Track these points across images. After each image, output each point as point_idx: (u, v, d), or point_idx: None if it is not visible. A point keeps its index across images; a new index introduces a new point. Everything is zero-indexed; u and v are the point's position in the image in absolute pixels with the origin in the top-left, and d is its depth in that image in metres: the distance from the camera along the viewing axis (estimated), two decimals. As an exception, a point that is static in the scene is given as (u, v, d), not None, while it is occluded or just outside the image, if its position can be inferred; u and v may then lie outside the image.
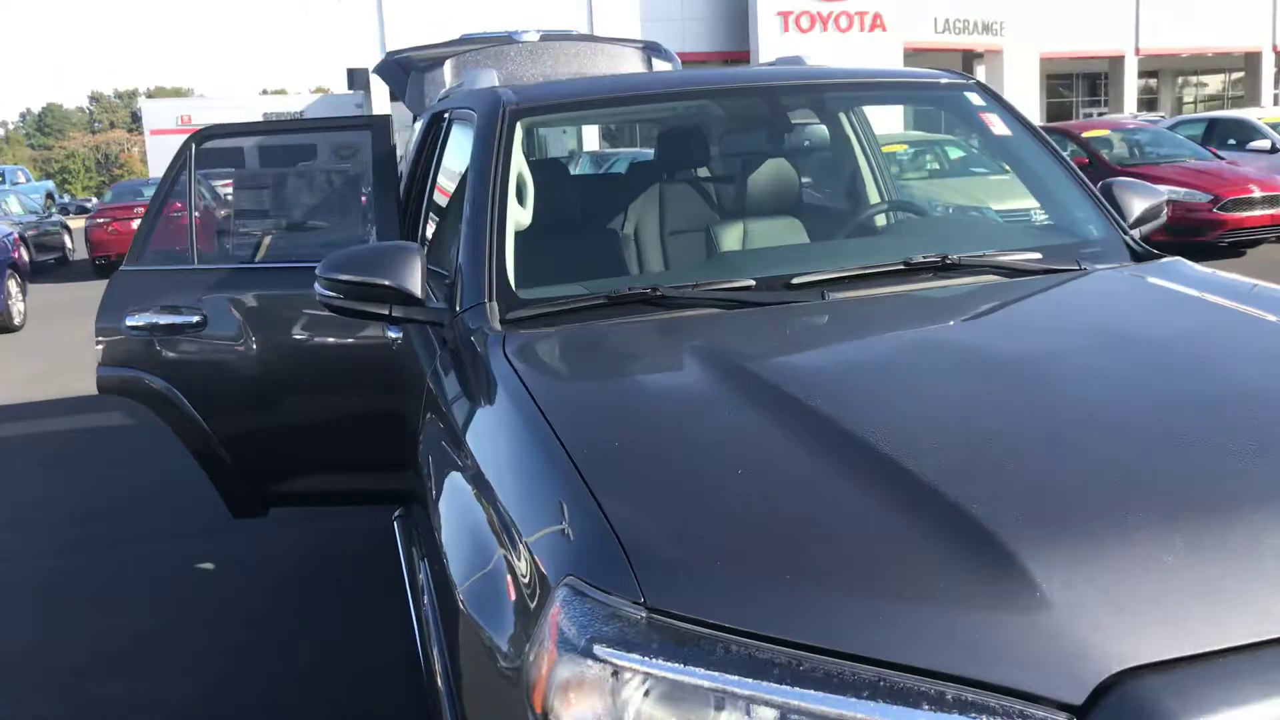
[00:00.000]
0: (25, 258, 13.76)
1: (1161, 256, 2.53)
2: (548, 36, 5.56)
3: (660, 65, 5.45)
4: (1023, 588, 1.18)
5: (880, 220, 2.99)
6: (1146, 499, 1.33)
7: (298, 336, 3.46)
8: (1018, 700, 1.11)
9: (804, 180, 2.95)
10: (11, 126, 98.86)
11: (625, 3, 31.02)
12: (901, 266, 2.32)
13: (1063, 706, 1.10)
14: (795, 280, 2.27)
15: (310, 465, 3.59)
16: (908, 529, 1.28)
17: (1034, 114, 35.05)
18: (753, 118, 3.38)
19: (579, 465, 1.47)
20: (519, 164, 2.54)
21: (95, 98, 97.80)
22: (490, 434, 1.81)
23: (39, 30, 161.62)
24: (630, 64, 5.30)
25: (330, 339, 3.45)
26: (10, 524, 5.16)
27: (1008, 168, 2.89)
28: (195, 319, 3.44)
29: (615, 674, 1.18)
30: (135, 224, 4.04)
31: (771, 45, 31.41)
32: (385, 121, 3.48)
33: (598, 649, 1.18)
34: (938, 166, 12.97)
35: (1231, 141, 14.81)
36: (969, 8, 33.85)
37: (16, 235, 12.90)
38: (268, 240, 3.84)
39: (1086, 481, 1.39)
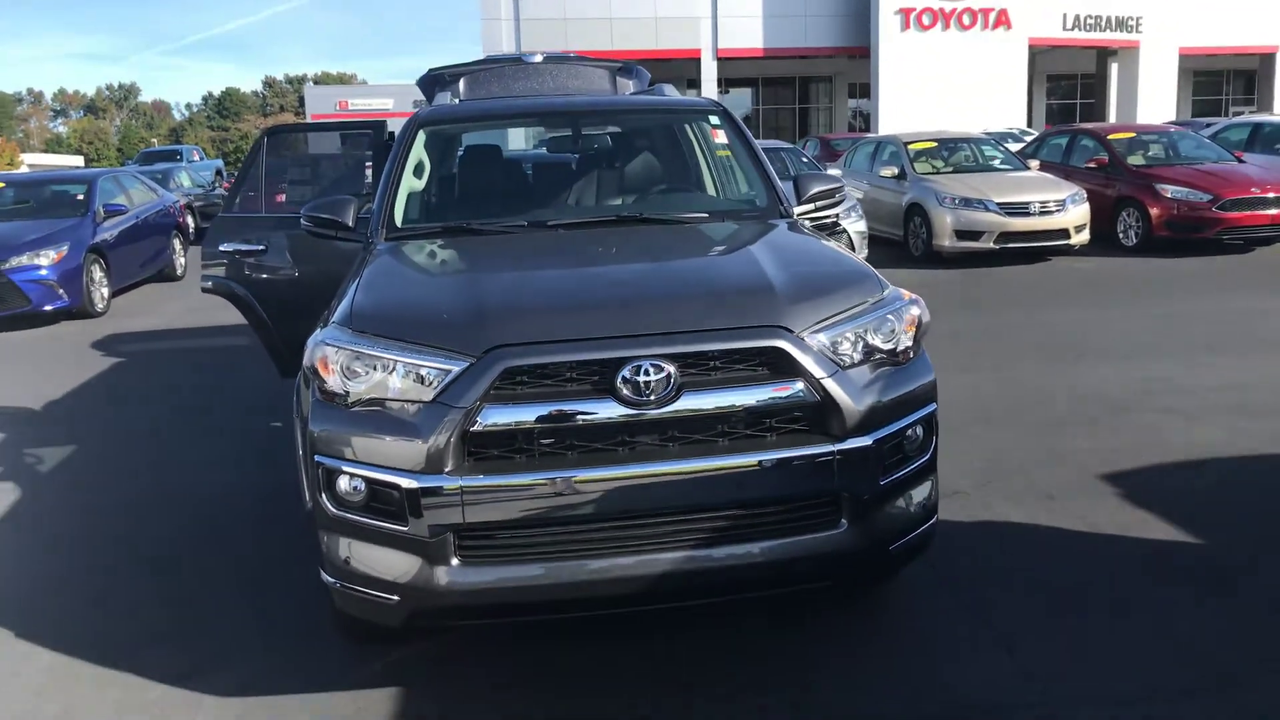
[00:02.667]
0: (189, 222, 16.61)
1: (792, 219, 4.21)
2: (549, 58, 7.47)
3: (624, 83, 7.24)
4: (479, 318, 3.02)
5: (653, 192, 4.71)
6: (558, 292, 3.24)
7: (322, 262, 5.45)
8: (457, 355, 2.94)
9: (617, 167, 4.74)
10: (195, 109, 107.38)
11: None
12: (614, 219, 4.13)
13: (477, 356, 2.92)
14: (550, 223, 4.11)
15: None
16: (461, 299, 3.14)
17: (1170, 112, 33.79)
18: (565, 130, 5.27)
19: (359, 280, 3.40)
20: (419, 154, 4.45)
21: (269, 83, 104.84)
22: (345, 280, 3.75)
23: (220, 13, 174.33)
24: (597, 82, 7.12)
25: (340, 264, 5.43)
26: (165, 394, 7.60)
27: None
28: (261, 247, 5.49)
29: (333, 349, 3.06)
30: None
31: (892, 42, 31.92)
32: (381, 124, 5.46)
33: (327, 339, 3.10)
34: (972, 162, 14.26)
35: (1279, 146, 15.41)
36: (1103, 3, 33.07)
37: (181, 203, 15.69)
38: (306, 199, 5.89)
39: (546, 279, 3.36)
